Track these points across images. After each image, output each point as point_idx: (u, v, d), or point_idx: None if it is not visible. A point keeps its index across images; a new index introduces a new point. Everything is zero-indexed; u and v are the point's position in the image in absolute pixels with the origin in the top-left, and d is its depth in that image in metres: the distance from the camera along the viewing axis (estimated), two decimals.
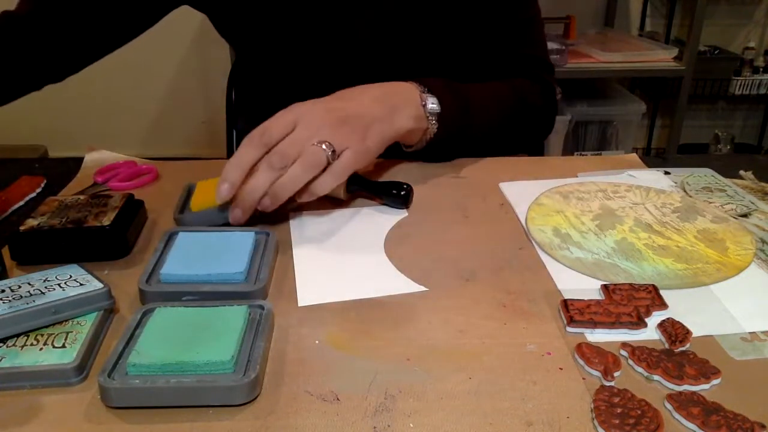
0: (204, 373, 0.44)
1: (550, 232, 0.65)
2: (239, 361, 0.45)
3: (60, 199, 0.65)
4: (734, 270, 0.59)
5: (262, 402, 0.44)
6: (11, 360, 0.45)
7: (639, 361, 0.47)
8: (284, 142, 0.61)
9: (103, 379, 0.43)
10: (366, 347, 0.49)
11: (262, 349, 0.46)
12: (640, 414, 0.42)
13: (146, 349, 0.45)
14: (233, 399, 0.43)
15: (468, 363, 0.47)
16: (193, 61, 2.47)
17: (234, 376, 0.44)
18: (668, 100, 2.41)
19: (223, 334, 0.47)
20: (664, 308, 0.53)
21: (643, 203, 0.71)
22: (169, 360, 0.44)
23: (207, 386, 0.43)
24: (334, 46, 0.87)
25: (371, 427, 0.41)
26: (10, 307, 0.47)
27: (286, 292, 0.56)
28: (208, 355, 0.44)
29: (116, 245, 0.61)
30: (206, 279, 0.54)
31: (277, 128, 0.62)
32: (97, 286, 0.51)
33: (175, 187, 0.72)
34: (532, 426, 0.42)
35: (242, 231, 0.61)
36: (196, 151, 2.61)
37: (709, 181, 0.77)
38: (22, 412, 0.43)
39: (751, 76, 2.36)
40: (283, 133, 0.62)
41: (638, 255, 0.61)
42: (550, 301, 0.55)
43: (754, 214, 0.69)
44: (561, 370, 0.47)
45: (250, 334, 0.48)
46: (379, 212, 0.70)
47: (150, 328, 0.48)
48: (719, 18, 2.42)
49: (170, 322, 0.48)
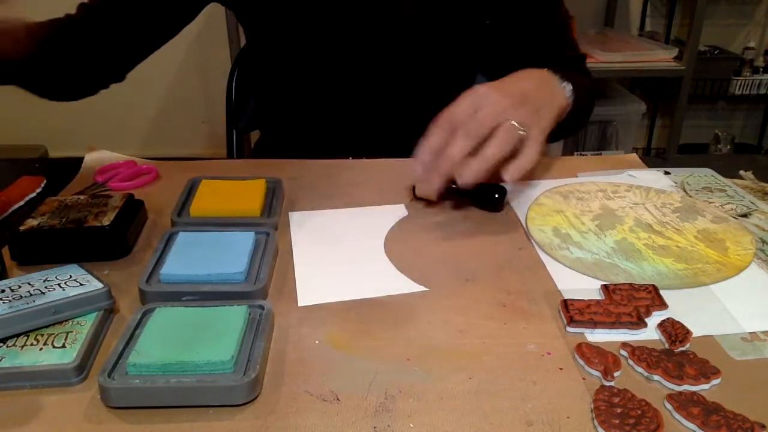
0: (204, 372, 0.44)
1: (550, 232, 0.65)
2: (239, 361, 0.45)
3: (60, 199, 0.65)
4: (734, 270, 0.59)
5: (262, 402, 0.44)
6: (11, 360, 0.45)
7: (639, 361, 0.47)
8: (477, 118, 0.62)
9: (103, 379, 0.43)
10: (366, 347, 0.49)
11: (262, 349, 0.46)
12: (640, 414, 0.42)
13: (146, 349, 0.45)
14: (233, 399, 0.43)
15: (468, 363, 0.47)
16: (193, 61, 2.46)
17: (234, 376, 0.44)
18: (668, 100, 2.41)
19: (223, 334, 0.47)
20: (664, 308, 0.53)
21: (643, 203, 0.71)
22: (169, 360, 0.44)
23: (207, 386, 0.43)
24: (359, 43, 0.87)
25: (371, 427, 0.41)
26: (10, 307, 0.47)
27: (286, 292, 0.56)
28: (208, 355, 0.44)
29: (116, 245, 0.61)
30: (206, 279, 0.54)
31: (462, 111, 0.63)
32: (97, 286, 0.51)
33: (175, 187, 0.72)
34: (532, 426, 0.42)
35: (242, 231, 0.61)
36: (196, 151, 2.61)
37: (709, 181, 0.77)
38: (22, 412, 0.43)
39: (751, 76, 2.36)
40: (468, 114, 0.63)
41: (638, 255, 0.61)
42: (550, 301, 0.55)
43: (754, 214, 0.69)
44: (561, 370, 0.47)
45: (250, 334, 0.48)
46: (379, 212, 0.70)
47: (150, 328, 0.48)
48: (719, 18, 2.42)
49: (170, 322, 0.48)
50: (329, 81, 0.90)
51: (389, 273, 0.59)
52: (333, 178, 0.78)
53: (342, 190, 0.75)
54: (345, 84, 0.90)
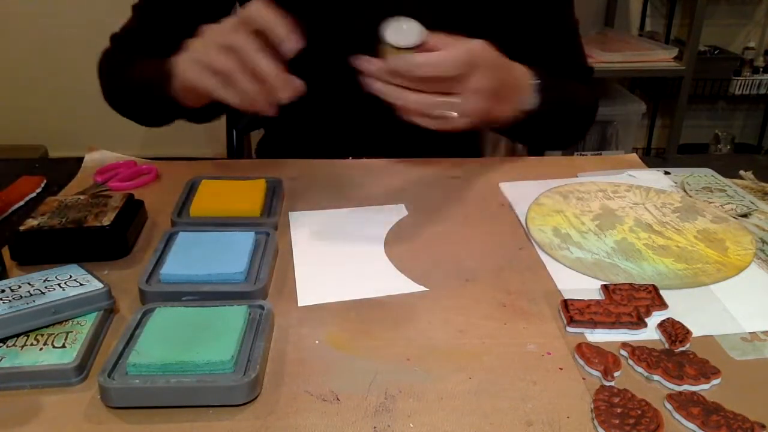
0: (204, 372, 0.44)
1: (550, 232, 0.65)
2: (239, 361, 0.45)
3: (60, 199, 0.65)
4: (734, 270, 0.59)
5: (262, 402, 0.44)
6: (11, 360, 0.45)
7: (639, 361, 0.47)
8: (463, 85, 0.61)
9: (103, 379, 0.43)
10: (366, 347, 0.49)
11: (262, 349, 0.46)
12: (640, 414, 0.42)
13: (146, 349, 0.45)
14: (233, 399, 0.43)
15: (468, 363, 0.47)
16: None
17: (234, 376, 0.44)
18: (668, 100, 2.41)
19: (223, 334, 0.47)
20: (664, 308, 0.53)
21: (643, 203, 0.71)
22: (169, 360, 0.44)
23: (207, 386, 0.43)
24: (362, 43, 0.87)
25: (371, 427, 0.41)
26: (10, 307, 0.47)
27: (286, 292, 0.56)
28: (208, 355, 0.44)
29: (116, 245, 0.61)
30: (206, 279, 0.54)
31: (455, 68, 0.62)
32: (97, 286, 0.51)
33: (175, 187, 0.72)
34: (532, 426, 0.42)
35: (242, 231, 0.61)
36: (196, 151, 2.61)
37: (709, 181, 0.77)
38: (22, 412, 0.43)
39: (751, 76, 2.36)
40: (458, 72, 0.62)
41: (638, 255, 0.61)
42: (550, 301, 0.55)
43: (754, 214, 0.69)
44: (561, 370, 0.47)
45: (250, 334, 0.48)
46: (379, 212, 0.70)
47: (150, 328, 0.48)
48: (719, 18, 2.42)
49: (170, 322, 0.48)
50: (332, 79, 0.90)
51: (389, 273, 0.59)
52: (333, 178, 0.78)
53: (342, 190, 0.75)
54: (348, 83, 0.90)
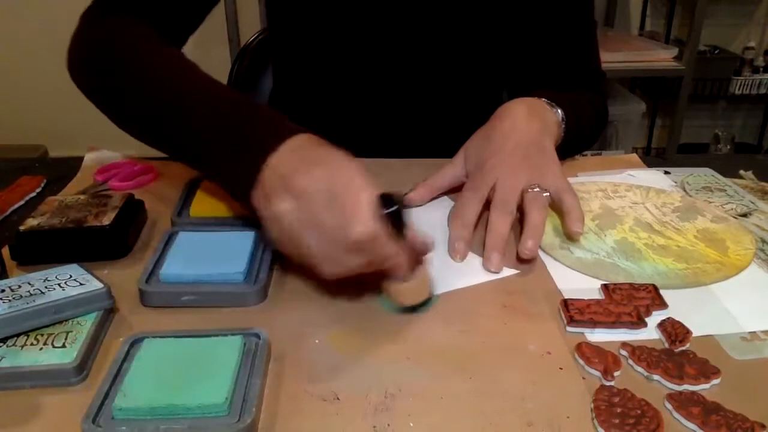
0: (196, 416, 0.41)
1: (550, 231, 0.65)
2: (234, 403, 0.42)
3: (60, 199, 0.65)
4: (734, 270, 0.59)
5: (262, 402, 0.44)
6: (11, 360, 0.45)
7: (639, 360, 0.47)
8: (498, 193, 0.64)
9: (87, 426, 0.39)
10: (366, 347, 0.49)
11: (258, 387, 0.43)
12: (640, 414, 0.42)
13: (133, 389, 0.42)
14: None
15: (468, 363, 0.47)
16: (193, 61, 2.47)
17: (228, 420, 0.40)
18: (668, 99, 2.40)
19: (216, 371, 0.43)
20: (664, 308, 0.53)
21: (643, 203, 0.71)
22: (158, 403, 0.41)
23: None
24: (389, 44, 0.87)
25: (371, 426, 0.41)
26: (10, 307, 0.47)
27: (286, 291, 0.56)
28: (201, 397, 0.41)
29: (116, 245, 0.61)
30: (206, 279, 0.54)
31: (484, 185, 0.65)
32: (97, 286, 0.51)
33: (175, 187, 0.72)
34: (532, 426, 0.42)
35: (242, 231, 0.61)
36: None
37: (709, 180, 0.77)
38: (22, 412, 0.43)
39: (751, 76, 2.36)
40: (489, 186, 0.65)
41: (638, 255, 0.61)
42: (550, 301, 0.55)
43: (754, 214, 0.69)
44: (561, 370, 0.47)
45: (245, 369, 0.45)
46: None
47: (137, 365, 0.44)
48: (719, 18, 2.42)
49: (159, 356, 0.45)
50: (349, 74, 0.89)
51: None
52: None
53: None
54: (364, 81, 0.89)
